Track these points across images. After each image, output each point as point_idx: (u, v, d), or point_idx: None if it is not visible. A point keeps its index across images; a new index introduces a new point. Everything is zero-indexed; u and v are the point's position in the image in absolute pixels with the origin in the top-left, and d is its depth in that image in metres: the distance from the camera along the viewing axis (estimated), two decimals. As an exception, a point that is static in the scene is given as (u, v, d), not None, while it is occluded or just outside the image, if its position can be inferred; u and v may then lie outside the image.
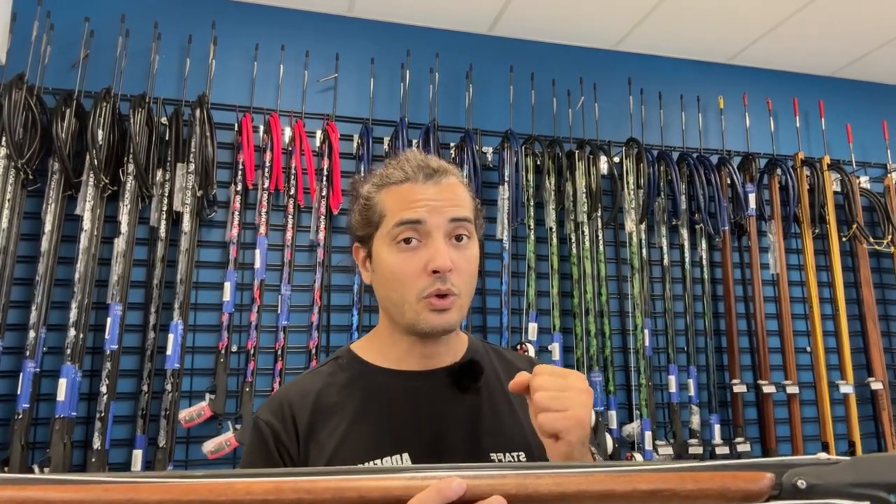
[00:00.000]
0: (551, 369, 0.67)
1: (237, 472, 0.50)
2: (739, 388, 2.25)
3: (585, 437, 0.65)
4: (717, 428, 2.22)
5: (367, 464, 0.73)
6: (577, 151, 2.25)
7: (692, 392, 2.21)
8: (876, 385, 2.37)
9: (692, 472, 0.49)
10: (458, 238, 0.77)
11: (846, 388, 2.32)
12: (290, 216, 2.00)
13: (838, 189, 2.51)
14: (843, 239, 2.47)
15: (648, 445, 2.10)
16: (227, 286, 1.89)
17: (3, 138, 1.74)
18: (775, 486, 0.47)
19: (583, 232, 2.19)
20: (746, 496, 0.47)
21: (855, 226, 2.44)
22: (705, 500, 0.48)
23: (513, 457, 0.76)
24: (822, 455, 0.47)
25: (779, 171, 2.43)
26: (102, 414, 1.72)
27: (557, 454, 0.65)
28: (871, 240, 2.46)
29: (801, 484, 0.46)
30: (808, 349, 2.40)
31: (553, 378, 0.65)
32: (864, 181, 2.59)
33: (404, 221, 0.75)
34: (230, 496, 0.48)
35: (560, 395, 0.64)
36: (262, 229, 1.95)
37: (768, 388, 2.26)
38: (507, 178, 2.14)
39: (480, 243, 0.84)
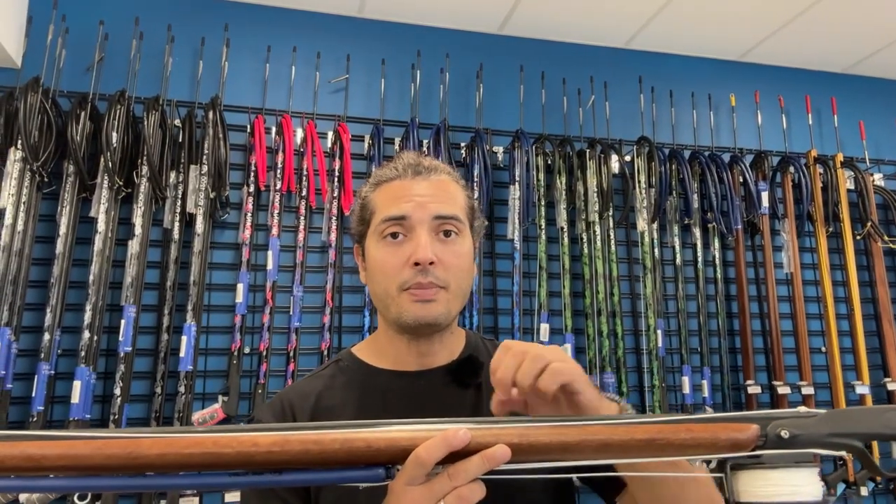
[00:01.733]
0: (518, 349, 0.61)
1: (242, 428, 0.49)
2: (754, 390, 2.22)
3: (591, 383, 0.63)
4: (731, 429, 2.19)
5: None
6: (587, 150, 2.24)
7: (706, 393, 2.19)
8: (892, 386, 2.33)
9: (686, 423, 0.51)
10: (446, 234, 0.77)
11: (862, 389, 2.29)
12: (301, 217, 2.00)
13: (852, 187, 2.49)
14: (858, 237, 2.44)
15: (662, 446, 2.08)
16: (240, 287, 1.89)
17: (19, 141, 1.75)
18: (761, 436, 0.50)
19: (594, 231, 2.18)
20: (735, 445, 0.50)
21: (869, 224, 2.41)
22: (697, 450, 0.51)
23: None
24: (802, 408, 0.51)
25: (791, 168, 2.41)
26: (116, 416, 1.73)
27: (578, 407, 0.61)
28: (886, 238, 2.44)
29: (785, 434, 0.49)
30: (823, 349, 2.37)
31: (518, 352, 0.60)
32: (877, 178, 2.57)
33: (389, 218, 0.77)
34: (235, 447, 0.47)
35: (538, 355, 0.59)
36: (275, 230, 1.96)
37: (783, 389, 2.23)
38: (517, 178, 2.13)
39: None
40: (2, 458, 0.45)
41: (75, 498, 1.63)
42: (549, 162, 2.24)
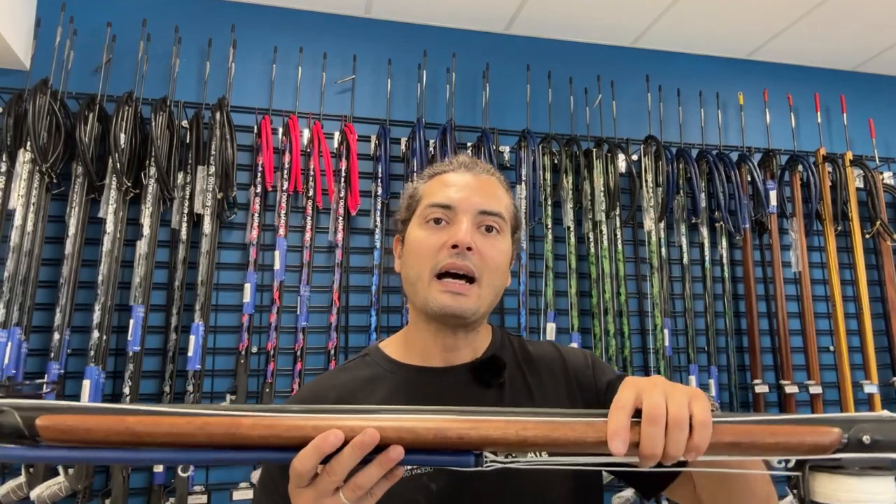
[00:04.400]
0: (652, 412, 0.51)
1: (337, 410, 0.51)
2: (761, 389, 2.22)
3: None
4: (739, 428, 2.19)
5: None
6: (594, 150, 2.23)
7: (713, 392, 2.18)
8: (902, 385, 2.33)
9: (770, 425, 0.51)
10: (488, 229, 0.79)
11: (871, 388, 2.28)
12: (308, 217, 2.00)
13: (861, 185, 2.47)
14: (867, 236, 2.43)
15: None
16: (248, 287, 1.90)
17: (28, 143, 1.77)
18: (842, 440, 0.51)
19: (601, 231, 2.18)
20: (817, 448, 0.50)
21: (878, 223, 2.40)
22: (780, 452, 0.51)
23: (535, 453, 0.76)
24: (885, 413, 0.51)
25: (800, 167, 2.40)
26: (126, 415, 1.74)
27: None
28: (895, 237, 2.42)
29: (867, 439, 0.50)
30: (832, 348, 2.36)
31: (656, 417, 0.51)
32: (887, 177, 2.55)
33: (435, 204, 0.79)
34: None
35: (678, 418, 0.51)
36: (282, 231, 1.96)
37: (791, 389, 2.22)
38: (524, 178, 2.13)
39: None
40: (108, 432, 0.47)
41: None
42: (556, 161, 2.23)
